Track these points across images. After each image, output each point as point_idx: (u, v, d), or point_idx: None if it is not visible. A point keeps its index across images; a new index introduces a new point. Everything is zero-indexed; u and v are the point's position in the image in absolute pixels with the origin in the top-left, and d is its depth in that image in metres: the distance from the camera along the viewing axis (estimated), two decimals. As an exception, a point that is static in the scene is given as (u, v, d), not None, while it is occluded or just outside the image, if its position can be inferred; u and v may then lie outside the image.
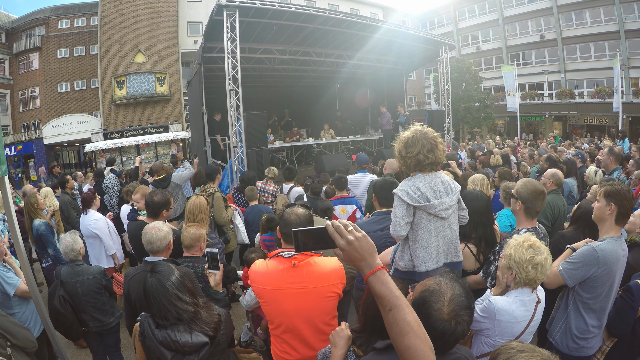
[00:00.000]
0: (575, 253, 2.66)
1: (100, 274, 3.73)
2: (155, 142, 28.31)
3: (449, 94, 14.20)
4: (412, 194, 2.60)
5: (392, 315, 1.23)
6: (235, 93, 9.00)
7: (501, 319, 2.16)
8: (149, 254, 3.04)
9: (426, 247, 2.63)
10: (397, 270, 2.83)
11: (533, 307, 2.24)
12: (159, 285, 2.06)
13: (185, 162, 7.35)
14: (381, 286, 1.25)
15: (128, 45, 28.37)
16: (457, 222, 2.78)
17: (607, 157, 5.90)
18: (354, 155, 8.47)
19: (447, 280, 1.60)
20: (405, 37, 12.60)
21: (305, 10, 9.92)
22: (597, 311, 2.64)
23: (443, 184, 2.68)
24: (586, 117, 29.16)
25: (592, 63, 28.99)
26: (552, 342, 2.79)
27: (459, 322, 1.50)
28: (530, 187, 2.85)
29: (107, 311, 3.79)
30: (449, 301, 1.52)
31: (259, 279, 2.33)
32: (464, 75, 27.94)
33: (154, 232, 2.97)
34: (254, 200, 5.90)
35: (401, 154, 2.73)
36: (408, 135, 2.70)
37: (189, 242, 3.22)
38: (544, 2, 30.85)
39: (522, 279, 2.18)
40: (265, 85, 16.19)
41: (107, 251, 5.33)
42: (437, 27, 39.73)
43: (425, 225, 2.63)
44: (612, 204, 2.61)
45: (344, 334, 1.77)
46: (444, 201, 2.60)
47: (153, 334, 2.02)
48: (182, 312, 2.04)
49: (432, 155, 2.63)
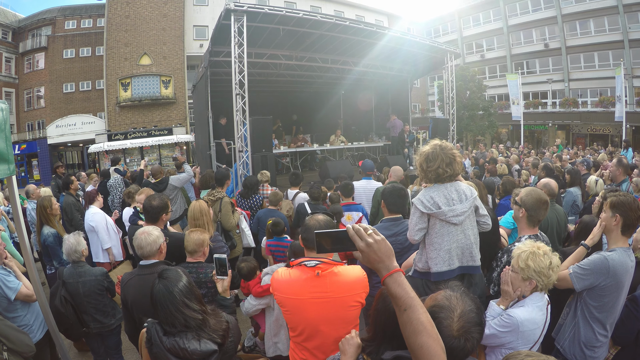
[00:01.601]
0: (587, 260, 2.68)
1: (102, 276, 3.74)
2: (159, 144, 28.36)
3: (453, 102, 14.23)
4: (425, 202, 2.82)
5: (406, 315, 1.30)
6: (242, 97, 9.02)
7: (525, 330, 2.20)
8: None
9: (438, 250, 2.81)
10: (416, 271, 3.00)
11: (546, 309, 2.32)
12: (166, 291, 2.04)
13: (185, 165, 7.33)
14: (397, 287, 1.34)
15: (134, 48, 28.51)
16: (474, 227, 2.89)
17: (616, 169, 5.88)
18: (360, 162, 8.47)
19: (458, 295, 1.59)
20: (411, 45, 12.64)
21: (312, 17, 9.97)
22: (605, 321, 2.65)
23: (457, 192, 2.84)
24: (589, 126, 29.13)
25: (596, 72, 29.01)
26: (560, 350, 2.80)
27: (469, 339, 1.49)
28: (535, 196, 2.94)
29: (108, 313, 3.79)
30: (459, 317, 1.51)
31: (282, 287, 2.33)
32: (469, 83, 27.98)
33: (144, 237, 2.95)
34: (276, 205, 5.86)
35: (422, 168, 2.94)
36: (428, 150, 2.91)
37: (193, 247, 3.21)
38: (549, 11, 30.94)
39: (545, 285, 2.26)
40: (270, 90, 16.22)
41: (103, 244, 5.34)
42: (442, 34, 39.84)
43: (438, 231, 2.81)
44: (617, 215, 2.65)
45: (353, 341, 1.76)
46: (454, 208, 2.76)
47: (161, 341, 1.99)
48: (189, 319, 2.01)
49: (450, 168, 2.84)
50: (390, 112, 16.05)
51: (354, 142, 15.12)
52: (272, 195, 5.93)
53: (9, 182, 3.24)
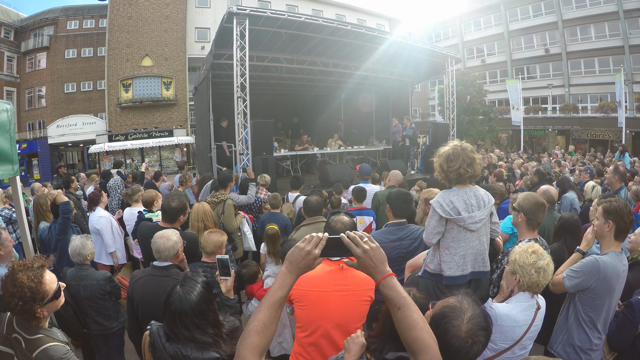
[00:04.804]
0: (578, 263, 2.75)
1: (105, 281, 3.71)
2: (160, 146, 28.44)
3: (454, 106, 14.26)
4: (445, 206, 2.76)
5: (400, 313, 1.40)
6: (243, 100, 9.05)
7: (502, 324, 2.25)
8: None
9: (453, 255, 2.78)
10: (426, 272, 2.96)
11: (533, 312, 2.33)
12: (179, 304, 2.01)
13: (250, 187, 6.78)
14: (390, 290, 1.43)
15: (135, 49, 28.61)
16: (488, 234, 2.89)
17: (612, 176, 5.89)
18: (358, 166, 8.49)
19: (469, 301, 1.64)
20: (412, 49, 12.68)
21: (314, 21, 10.00)
22: (596, 324, 2.70)
23: (476, 198, 2.80)
24: (589, 131, 29.15)
25: (596, 78, 29.10)
26: (554, 354, 2.83)
27: (475, 342, 1.52)
28: (532, 199, 2.97)
29: (111, 316, 3.79)
30: (468, 320, 1.55)
31: (304, 281, 2.32)
32: (469, 87, 28.02)
33: (163, 241, 2.96)
34: (277, 208, 5.87)
35: (442, 168, 2.86)
36: (449, 150, 2.85)
37: (212, 248, 3.27)
38: (549, 17, 31.05)
39: (526, 282, 2.29)
40: (272, 93, 16.28)
41: (107, 248, 5.35)
42: (442, 39, 39.97)
43: (455, 236, 2.78)
44: (610, 221, 2.70)
45: (358, 340, 1.78)
46: (474, 215, 2.73)
47: (164, 347, 1.99)
48: (197, 338, 1.99)
49: (471, 169, 2.78)
50: (390, 116, 16.08)
51: (355, 146, 15.11)
52: (271, 198, 5.94)
53: (12, 183, 3.25)
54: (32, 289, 2.04)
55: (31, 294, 2.03)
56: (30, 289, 2.03)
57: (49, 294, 2.13)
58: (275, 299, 1.42)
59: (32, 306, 2.03)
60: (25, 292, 2.01)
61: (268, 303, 1.41)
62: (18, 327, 2.11)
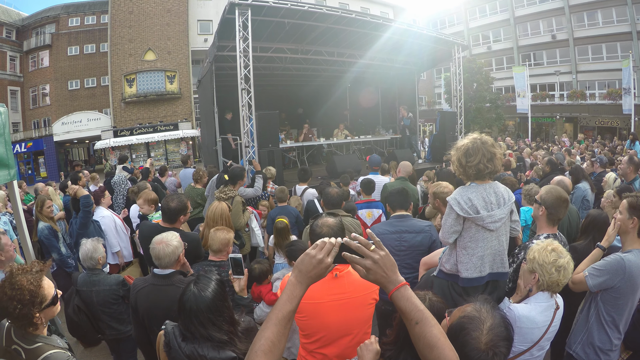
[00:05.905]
0: (602, 261, 2.66)
1: (118, 285, 3.58)
2: (165, 140, 28.50)
3: (461, 94, 14.05)
4: (463, 204, 2.60)
5: (418, 328, 1.28)
6: (247, 92, 8.94)
7: (521, 326, 2.16)
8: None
9: (471, 256, 2.64)
10: (442, 271, 2.85)
11: (552, 312, 2.24)
12: (194, 302, 2.00)
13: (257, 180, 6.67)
14: (405, 302, 1.31)
15: (138, 43, 28.57)
16: (507, 233, 2.74)
17: (627, 167, 5.73)
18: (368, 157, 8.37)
19: (488, 309, 1.56)
20: (417, 37, 12.47)
21: (317, 9, 9.85)
22: (618, 324, 2.63)
23: (496, 195, 2.65)
24: (597, 118, 28.79)
25: (604, 64, 28.63)
26: (573, 354, 2.76)
27: (497, 353, 1.45)
28: (555, 193, 2.87)
29: (124, 320, 3.67)
30: (488, 330, 1.47)
31: None
32: (475, 75, 27.73)
33: (162, 247, 2.78)
34: (284, 202, 5.80)
35: (461, 163, 2.69)
36: (468, 144, 2.67)
37: (218, 246, 3.19)
38: (556, 2, 30.52)
39: (545, 281, 2.21)
40: (276, 84, 16.13)
41: (111, 248, 5.28)
42: (447, 26, 39.48)
43: (473, 235, 2.63)
44: (635, 217, 2.61)
45: (372, 347, 1.74)
46: (493, 214, 2.58)
47: (179, 346, 1.97)
48: (213, 336, 1.98)
49: (491, 164, 2.61)
50: (397, 104, 15.93)
51: (361, 136, 14.97)
52: (278, 191, 5.86)
53: (10, 188, 3.18)
54: (31, 292, 2.01)
55: (30, 297, 2.00)
56: (30, 292, 2.00)
57: (47, 299, 2.11)
58: (284, 313, 1.28)
59: (30, 310, 2.00)
60: (25, 295, 1.98)
61: (276, 318, 1.27)
62: (16, 337, 2.06)
